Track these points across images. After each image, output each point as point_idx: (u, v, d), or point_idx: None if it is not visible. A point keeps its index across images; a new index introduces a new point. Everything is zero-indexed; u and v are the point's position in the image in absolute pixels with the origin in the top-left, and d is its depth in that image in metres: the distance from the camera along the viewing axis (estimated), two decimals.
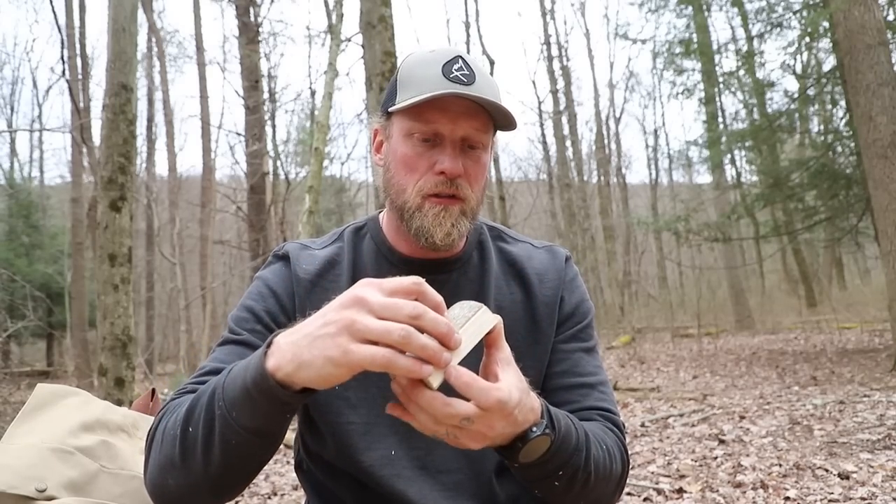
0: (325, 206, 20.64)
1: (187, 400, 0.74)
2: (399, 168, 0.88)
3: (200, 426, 0.69)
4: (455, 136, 0.85)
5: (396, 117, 0.89)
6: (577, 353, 0.95)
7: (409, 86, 0.85)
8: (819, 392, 5.51)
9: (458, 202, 0.87)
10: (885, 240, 6.01)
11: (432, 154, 0.86)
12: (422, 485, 0.88)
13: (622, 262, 22.03)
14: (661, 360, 9.78)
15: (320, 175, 5.74)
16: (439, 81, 0.83)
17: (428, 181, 0.86)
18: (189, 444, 0.70)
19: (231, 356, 0.85)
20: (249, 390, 0.66)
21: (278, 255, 0.98)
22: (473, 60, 0.87)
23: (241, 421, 0.67)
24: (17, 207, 16.40)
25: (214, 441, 0.69)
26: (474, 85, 0.83)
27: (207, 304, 11.56)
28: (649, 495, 3.01)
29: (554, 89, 19.10)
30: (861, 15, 6.08)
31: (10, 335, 10.15)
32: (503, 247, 1.01)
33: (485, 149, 0.89)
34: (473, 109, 0.85)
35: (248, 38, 11.02)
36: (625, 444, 0.88)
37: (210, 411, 0.69)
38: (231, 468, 0.71)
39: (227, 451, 0.69)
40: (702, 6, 10.10)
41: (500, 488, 0.92)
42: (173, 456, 0.71)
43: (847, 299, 14.79)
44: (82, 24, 13.02)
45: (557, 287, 0.97)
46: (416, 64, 0.87)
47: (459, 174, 0.85)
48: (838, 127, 9.18)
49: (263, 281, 0.94)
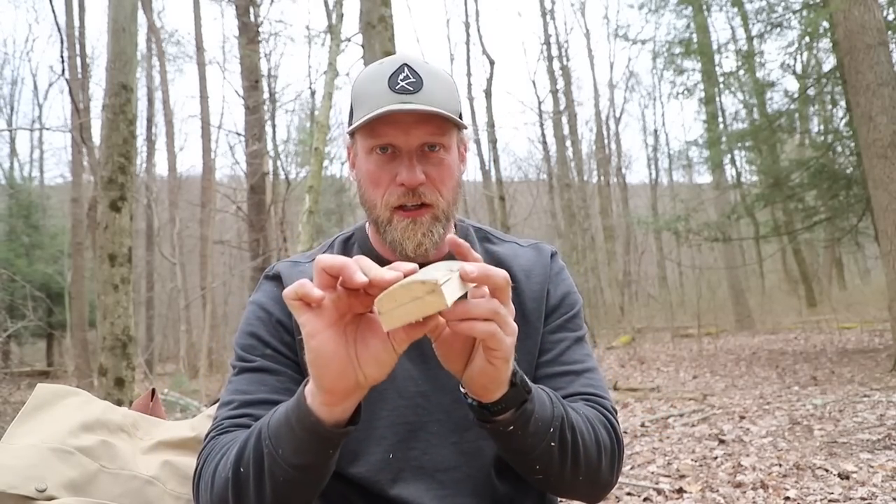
0: (325, 206, 20.64)
1: (235, 440, 0.77)
2: (367, 184, 0.90)
3: (251, 466, 0.72)
4: (410, 146, 0.86)
5: (357, 135, 0.90)
6: (564, 341, 0.95)
7: (361, 104, 0.87)
8: (819, 392, 5.51)
9: (426, 210, 0.88)
10: (885, 240, 6.01)
11: (393, 166, 0.87)
12: (420, 485, 0.88)
13: (622, 262, 22.02)
14: (660, 360, 9.78)
15: (320, 175, 5.74)
16: (385, 95, 0.84)
17: (392, 194, 0.88)
18: (242, 483, 0.73)
19: (252, 385, 0.87)
20: (294, 428, 0.69)
21: (269, 276, 0.99)
22: (422, 64, 0.88)
23: (287, 458, 0.70)
24: (18, 207, 16.41)
25: (265, 479, 0.72)
26: (421, 92, 0.85)
27: (207, 304, 11.56)
28: (649, 495, 3.01)
29: (554, 89, 19.09)
30: (861, 15, 6.08)
31: (10, 335, 10.15)
32: (490, 247, 1.02)
33: (446, 150, 0.89)
34: (424, 116, 0.85)
35: (249, 38, 11.01)
36: (614, 423, 0.88)
37: (258, 450, 0.72)
38: (284, 502, 0.74)
39: (277, 489, 0.72)
40: (702, 6, 10.10)
41: (500, 484, 0.92)
42: (226, 497, 0.74)
43: (847, 299, 14.80)
44: (82, 24, 13.03)
45: (544, 282, 0.97)
46: (365, 80, 0.89)
47: (419, 183, 0.86)
48: (838, 127, 9.18)
49: (258, 305, 0.94)
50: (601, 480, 0.84)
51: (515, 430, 0.74)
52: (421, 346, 0.80)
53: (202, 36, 14.84)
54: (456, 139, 0.92)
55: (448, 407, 0.90)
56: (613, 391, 6.63)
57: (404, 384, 0.90)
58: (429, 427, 0.90)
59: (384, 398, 0.90)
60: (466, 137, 0.97)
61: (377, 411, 0.89)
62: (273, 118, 13.68)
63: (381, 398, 0.90)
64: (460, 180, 0.94)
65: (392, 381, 0.87)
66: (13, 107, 22.93)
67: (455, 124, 0.89)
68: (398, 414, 0.90)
